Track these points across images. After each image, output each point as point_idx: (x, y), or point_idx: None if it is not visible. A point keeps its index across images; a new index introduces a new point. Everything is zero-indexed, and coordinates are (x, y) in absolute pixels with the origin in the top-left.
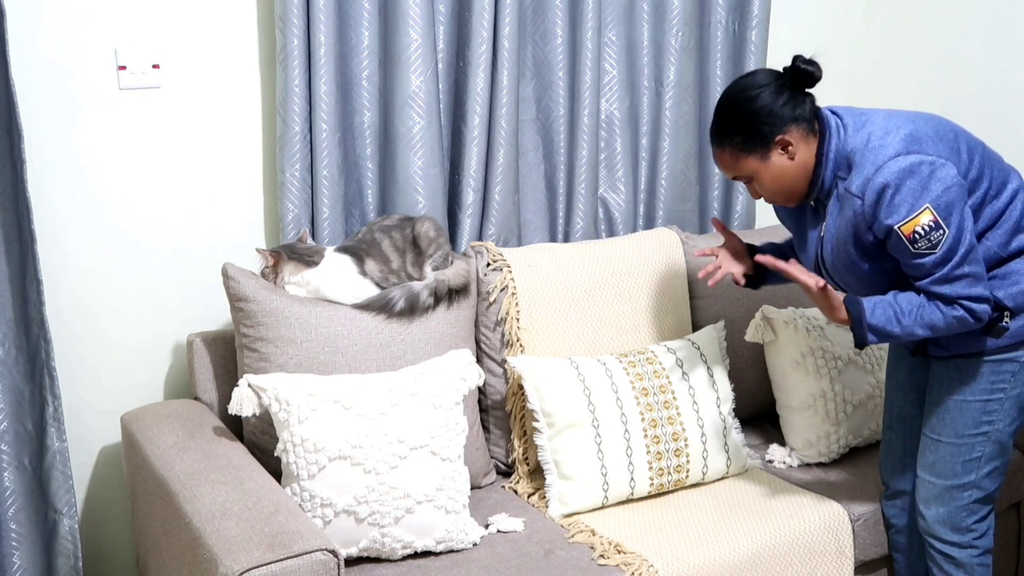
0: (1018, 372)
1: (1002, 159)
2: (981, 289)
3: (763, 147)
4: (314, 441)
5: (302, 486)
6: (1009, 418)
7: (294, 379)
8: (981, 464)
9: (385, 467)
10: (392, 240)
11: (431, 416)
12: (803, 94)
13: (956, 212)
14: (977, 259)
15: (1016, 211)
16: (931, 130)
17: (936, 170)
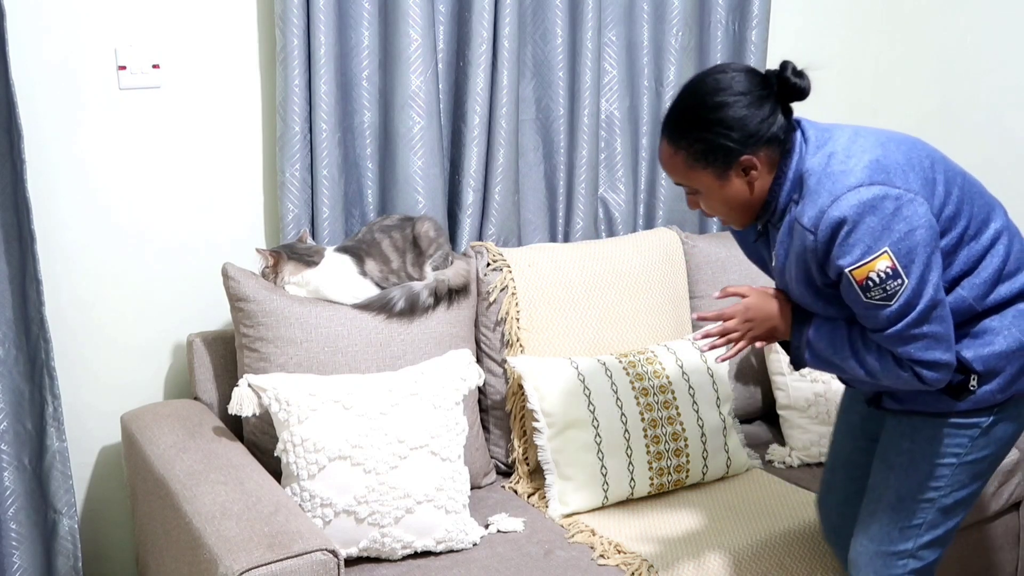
0: (977, 438)
1: (985, 191)
2: (940, 354)
3: (724, 165)
4: (314, 441)
5: (302, 486)
6: (958, 485)
7: (294, 379)
8: (921, 532)
9: (385, 467)
10: (392, 240)
11: (431, 416)
12: (784, 109)
13: (920, 259)
14: (941, 316)
15: (997, 257)
16: (902, 156)
17: (902, 207)
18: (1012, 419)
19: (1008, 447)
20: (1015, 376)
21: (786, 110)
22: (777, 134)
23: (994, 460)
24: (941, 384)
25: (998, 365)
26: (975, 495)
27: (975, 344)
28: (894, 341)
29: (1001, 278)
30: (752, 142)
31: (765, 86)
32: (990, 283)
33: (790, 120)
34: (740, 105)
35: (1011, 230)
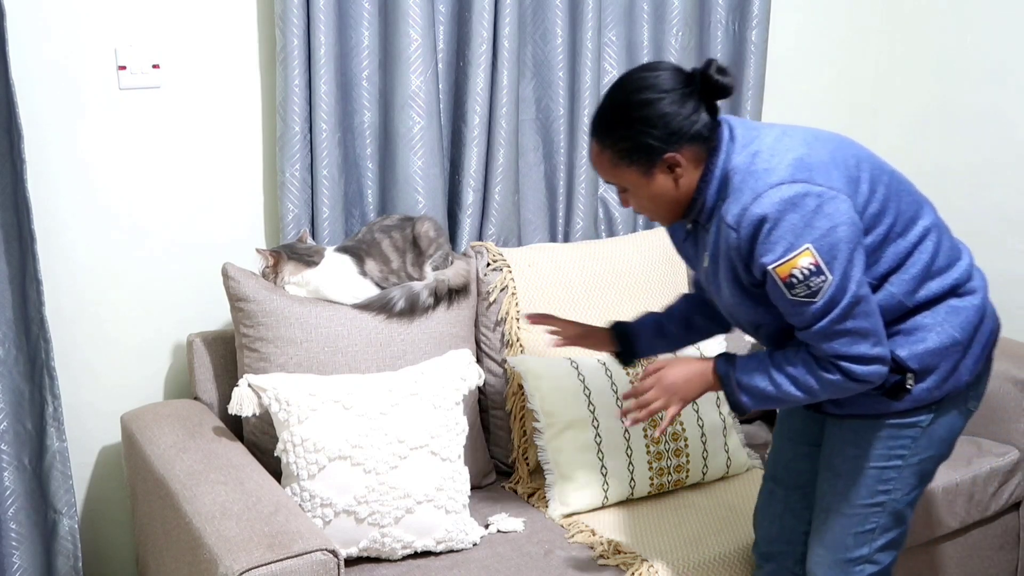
0: (919, 438)
1: (914, 189)
2: (866, 348)
3: (648, 162)
4: (314, 441)
5: (302, 486)
6: (907, 487)
7: (294, 379)
8: (875, 536)
9: (385, 467)
10: (392, 240)
11: (431, 416)
12: (708, 107)
13: (842, 256)
14: (867, 312)
15: (926, 253)
16: (827, 155)
17: (824, 204)
18: (951, 417)
19: (950, 447)
20: (949, 372)
21: (711, 108)
22: (701, 131)
23: (939, 460)
24: (873, 379)
25: (932, 362)
26: (919, 497)
27: (909, 342)
28: (820, 338)
29: (930, 274)
30: (675, 139)
31: (689, 84)
32: (919, 279)
33: (715, 118)
34: (663, 103)
35: (940, 227)
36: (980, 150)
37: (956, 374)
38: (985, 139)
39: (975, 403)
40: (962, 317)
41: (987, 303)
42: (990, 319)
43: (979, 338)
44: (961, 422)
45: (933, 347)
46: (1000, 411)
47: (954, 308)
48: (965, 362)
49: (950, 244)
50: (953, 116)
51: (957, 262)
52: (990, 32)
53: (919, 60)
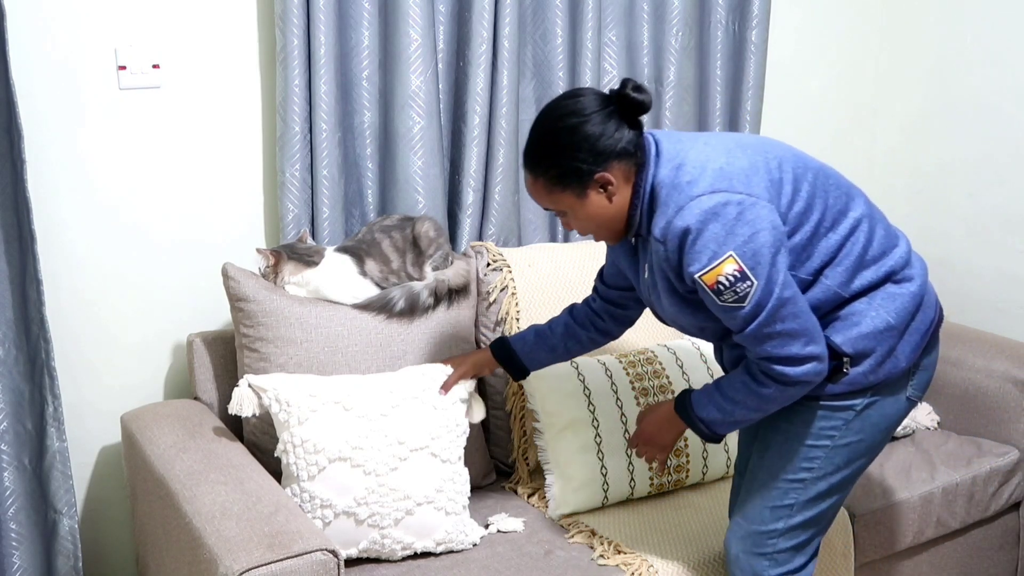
0: (852, 420)
1: (843, 182)
2: (796, 348)
3: (580, 184)
4: (314, 442)
5: (302, 487)
6: (831, 468)
7: (294, 379)
8: (792, 513)
9: (385, 468)
10: (392, 240)
11: (431, 417)
12: (631, 124)
13: (765, 260)
14: (794, 313)
15: (858, 244)
16: (747, 162)
17: (745, 211)
18: (887, 403)
19: (884, 434)
20: (884, 356)
21: (634, 124)
22: (627, 148)
23: (870, 445)
24: (810, 378)
25: (867, 346)
26: (850, 480)
27: (843, 327)
28: (753, 341)
29: (864, 263)
30: (603, 159)
31: (609, 104)
32: (852, 269)
33: (640, 134)
34: (586, 126)
35: (873, 217)
36: (980, 150)
37: (893, 359)
38: (985, 139)
39: (917, 392)
40: (897, 303)
41: (927, 290)
42: (930, 307)
43: (917, 325)
44: (898, 410)
45: (867, 331)
46: (1000, 411)
47: (890, 294)
48: (902, 347)
49: (884, 232)
50: (953, 116)
51: (892, 249)
52: (990, 32)
53: (919, 60)
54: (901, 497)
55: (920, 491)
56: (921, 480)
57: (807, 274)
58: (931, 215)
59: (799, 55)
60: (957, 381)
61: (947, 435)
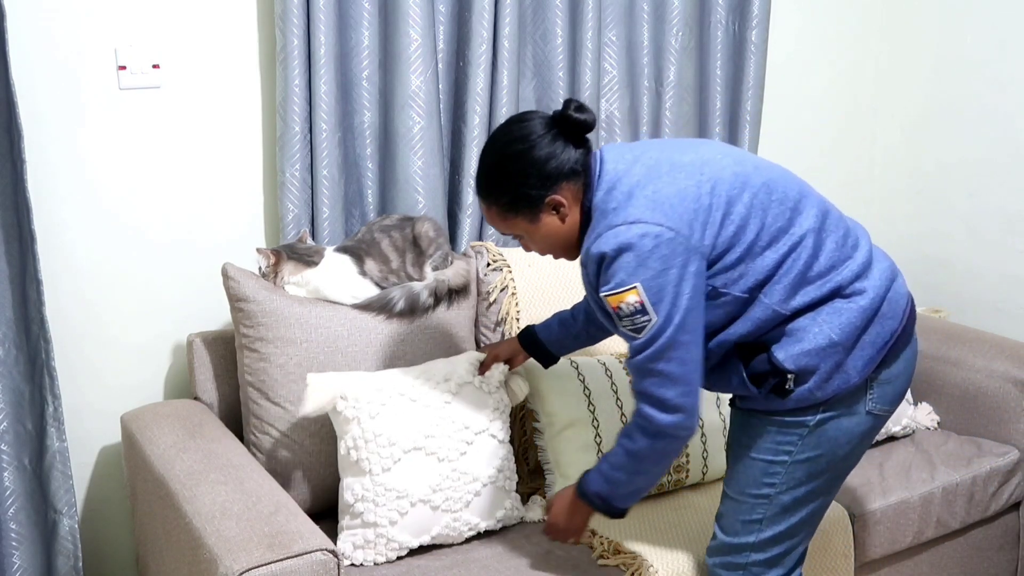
0: (806, 436)
1: (792, 196)
2: (673, 394)
3: (532, 209)
4: (388, 435)
5: (375, 480)
6: (794, 482)
7: (351, 376)
8: (762, 527)
9: (456, 454)
10: (392, 240)
11: (487, 401)
12: (577, 143)
13: (668, 298)
14: (683, 359)
15: (799, 262)
16: (675, 188)
17: (660, 246)
18: (844, 418)
19: (848, 448)
20: (831, 373)
21: (580, 143)
22: (575, 168)
23: (832, 460)
24: (673, 430)
25: (809, 363)
26: (816, 493)
27: (787, 344)
28: (635, 372)
29: (805, 280)
30: (552, 183)
31: (552, 126)
32: (792, 287)
33: (588, 152)
34: (532, 152)
35: (823, 230)
36: (980, 150)
37: (842, 374)
38: (985, 139)
39: (881, 406)
40: (843, 318)
41: (883, 303)
42: (891, 319)
43: (871, 339)
44: (859, 424)
45: (808, 348)
46: (1000, 411)
47: (836, 309)
48: (852, 362)
49: (836, 245)
50: (953, 116)
51: (843, 263)
52: (990, 32)
53: (919, 60)
54: (901, 497)
55: (920, 491)
56: (921, 480)
57: (742, 291)
58: (931, 215)
59: (799, 55)
60: (957, 381)
61: (947, 435)
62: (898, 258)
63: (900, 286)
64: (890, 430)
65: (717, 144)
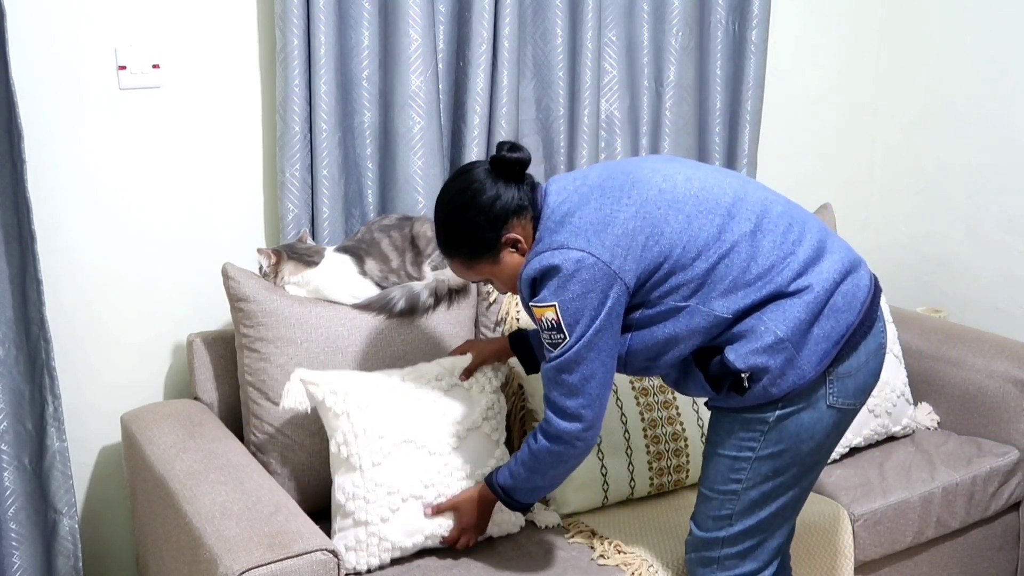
0: (768, 432)
1: (724, 204)
2: (573, 404)
3: (491, 251)
4: (378, 429)
5: (365, 476)
6: (760, 478)
7: (341, 374)
8: (732, 523)
9: (447, 448)
10: (391, 239)
11: (480, 400)
12: (519, 180)
13: (584, 321)
14: (587, 375)
15: (734, 267)
16: (599, 216)
17: (581, 270)
18: (803, 413)
19: (809, 442)
20: (783, 369)
21: (522, 179)
22: (521, 203)
23: (797, 456)
24: (569, 436)
25: (759, 361)
26: (784, 487)
27: (737, 345)
28: (545, 380)
29: (743, 284)
30: (501, 223)
31: (491, 171)
32: (727, 292)
33: (532, 188)
34: (477, 198)
35: (757, 234)
36: (980, 150)
37: (796, 370)
38: (985, 139)
39: (843, 400)
40: (788, 315)
41: (834, 296)
42: (847, 312)
43: (824, 333)
44: (820, 419)
45: (756, 347)
46: (1000, 411)
47: (780, 307)
48: (805, 357)
49: (774, 245)
50: (953, 116)
51: (783, 261)
52: (990, 32)
53: (919, 60)
54: (901, 497)
55: (920, 491)
56: (921, 480)
57: (678, 301)
58: (931, 215)
59: (799, 55)
60: (957, 381)
61: (947, 435)
62: (898, 258)
63: (859, 278)
64: (890, 430)
65: (653, 161)
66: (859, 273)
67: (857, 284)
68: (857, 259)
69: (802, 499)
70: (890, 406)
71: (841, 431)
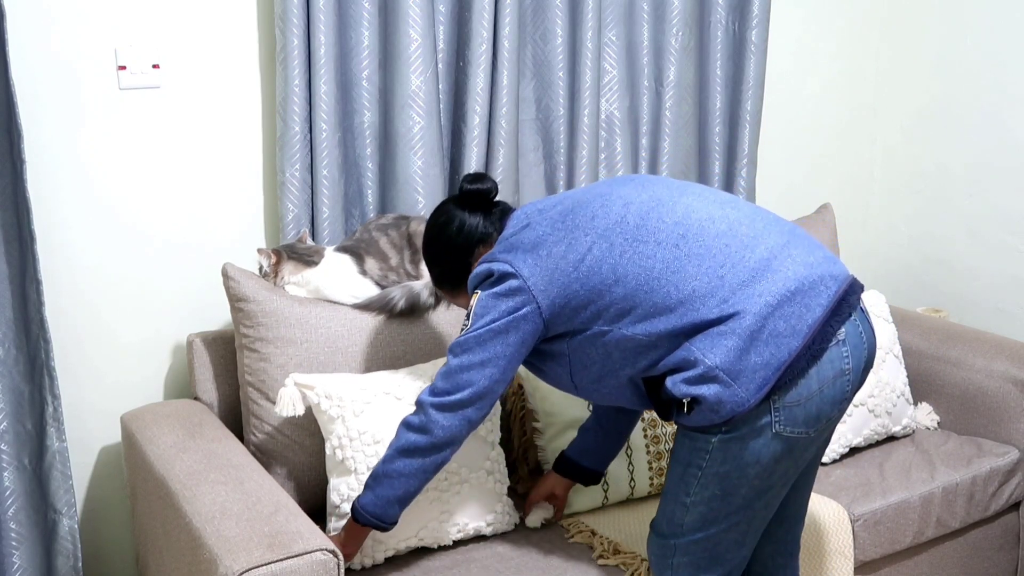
0: (712, 452)
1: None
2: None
3: (465, 280)
4: (373, 433)
5: (360, 480)
6: (708, 493)
7: (336, 377)
8: (683, 532)
9: None
10: (389, 238)
11: None
12: (487, 209)
13: (487, 318)
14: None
15: (655, 293)
16: (535, 236)
17: (505, 277)
18: (748, 439)
19: (755, 467)
20: (718, 397)
21: (490, 208)
22: (486, 232)
23: (742, 477)
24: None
25: (693, 390)
26: (734, 508)
27: (674, 376)
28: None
29: (659, 311)
30: (466, 253)
31: (458, 203)
32: (644, 317)
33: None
34: (443, 232)
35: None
36: (980, 150)
37: (733, 398)
38: (985, 139)
39: (792, 428)
40: (717, 343)
41: (771, 322)
42: (785, 337)
43: (760, 360)
44: (766, 445)
45: (689, 375)
46: (1000, 411)
47: (709, 335)
48: (742, 385)
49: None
50: (953, 116)
51: (704, 287)
52: (990, 32)
53: (919, 60)
54: (901, 497)
55: (920, 491)
56: (921, 480)
57: (602, 326)
58: (931, 215)
59: (799, 55)
60: (957, 381)
61: (947, 435)
62: (898, 258)
63: (811, 298)
64: (890, 430)
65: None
66: (814, 292)
67: (807, 305)
68: (817, 277)
69: (758, 521)
70: (890, 406)
71: (797, 457)
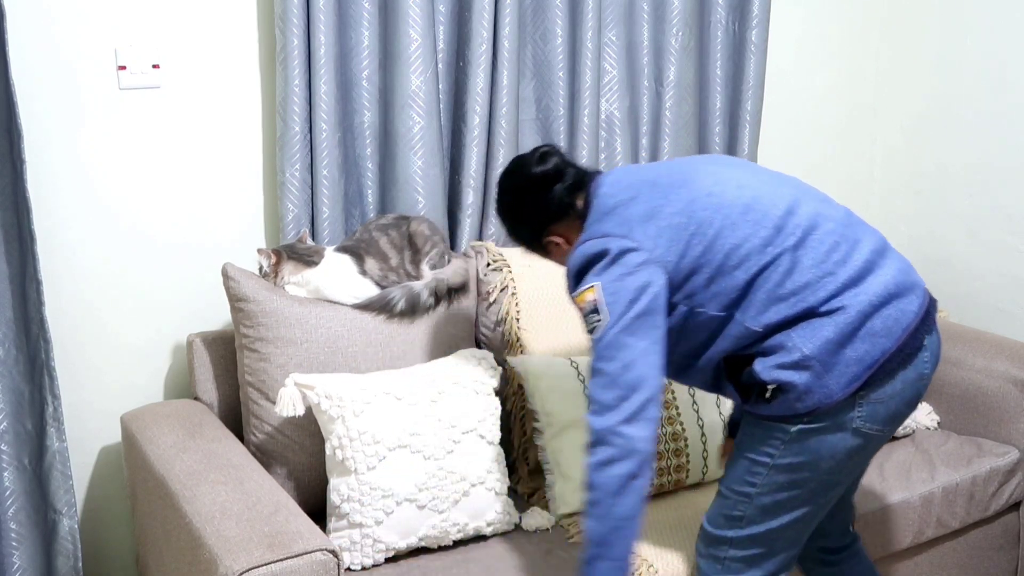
0: (788, 443)
1: (773, 217)
2: (601, 393)
3: (540, 246)
4: (372, 433)
5: (360, 480)
6: (775, 486)
7: (335, 377)
8: (743, 525)
9: (442, 452)
10: (389, 238)
11: (475, 402)
12: (559, 181)
13: (623, 302)
14: (627, 362)
15: (771, 280)
16: (647, 209)
17: (624, 255)
18: (826, 432)
19: (828, 461)
20: (808, 386)
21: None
22: (558, 209)
23: (815, 473)
24: (599, 435)
25: (784, 376)
26: (797, 501)
27: (765, 359)
28: (589, 372)
29: (777, 299)
30: (541, 229)
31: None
32: (763, 305)
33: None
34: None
35: (799, 250)
36: (980, 150)
37: (822, 389)
38: (985, 139)
39: (871, 425)
40: (817, 334)
41: (871, 320)
42: (880, 337)
43: (854, 356)
44: (843, 441)
45: (782, 362)
46: (1000, 411)
47: (810, 325)
48: (834, 378)
49: (814, 263)
50: (953, 116)
51: (820, 280)
52: (990, 33)
53: (919, 60)
54: (901, 497)
55: (920, 491)
56: (921, 480)
57: (717, 311)
58: (931, 215)
59: (799, 55)
60: (957, 381)
61: (947, 435)
62: None
63: (907, 303)
64: None
65: (708, 163)
66: (908, 298)
67: (903, 310)
68: (910, 284)
69: (816, 516)
70: None
71: (866, 455)
